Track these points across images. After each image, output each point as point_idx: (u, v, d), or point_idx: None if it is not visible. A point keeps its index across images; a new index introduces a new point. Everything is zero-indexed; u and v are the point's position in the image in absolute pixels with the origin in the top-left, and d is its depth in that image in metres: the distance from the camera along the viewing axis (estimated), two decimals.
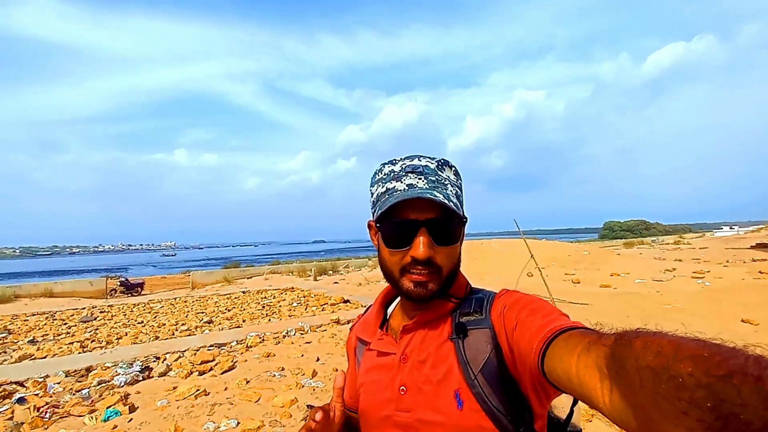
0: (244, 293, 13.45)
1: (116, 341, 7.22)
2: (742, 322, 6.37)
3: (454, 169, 0.73)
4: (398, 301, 0.82)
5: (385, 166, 0.74)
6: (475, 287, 0.79)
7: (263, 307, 10.36)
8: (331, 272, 19.66)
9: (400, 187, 0.68)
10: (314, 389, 4.38)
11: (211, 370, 5.13)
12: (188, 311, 10.33)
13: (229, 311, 9.97)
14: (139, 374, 4.92)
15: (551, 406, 0.75)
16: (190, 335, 7.34)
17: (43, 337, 7.93)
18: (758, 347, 0.35)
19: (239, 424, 3.58)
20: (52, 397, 4.33)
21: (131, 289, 17.20)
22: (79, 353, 6.34)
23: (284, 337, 6.74)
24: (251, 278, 19.21)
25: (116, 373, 5.01)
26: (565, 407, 0.77)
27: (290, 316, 8.86)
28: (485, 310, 0.69)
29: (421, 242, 0.65)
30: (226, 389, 4.44)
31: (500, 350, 0.63)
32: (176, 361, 5.52)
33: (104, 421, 3.72)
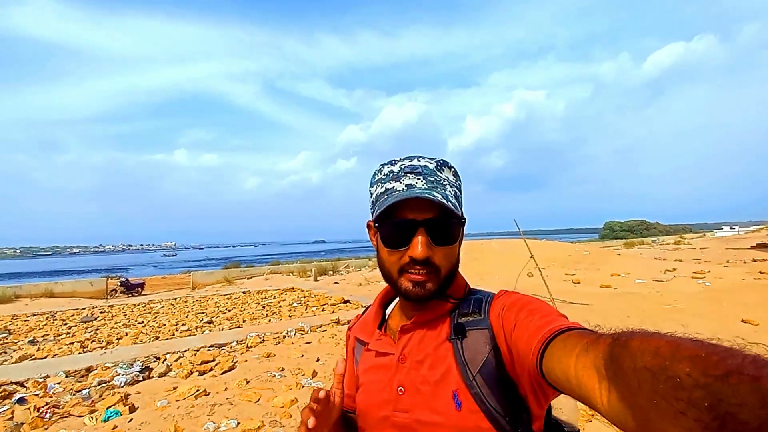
0: (244, 293, 13.45)
1: (116, 341, 7.22)
2: (742, 322, 6.36)
3: (453, 169, 0.73)
4: (397, 301, 0.82)
5: (384, 166, 0.74)
6: (473, 288, 0.79)
7: (263, 307, 10.35)
8: (331, 272, 19.66)
9: (399, 187, 0.68)
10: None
11: (211, 370, 5.13)
12: (188, 311, 10.34)
13: (229, 311, 9.97)
14: (139, 374, 4.92)
15: (549, 407, 0.75)
16: (190, 335, 7.34)
17: (43, 337, 7.93)
18: (757, 347, 0.35)
19: (239, 424, 3.58)
20: (52, 397, 4.33)
21: (131, 289, 17.21)
22: (79, 353, 6.35)
23: (284, 337, 6.74)
24: (251, 278, 19.21)
25: (116, 373, 5.01)
26: (563, 408, 0.77)
27: (290, 316, 8.86)
28: (484, 311, 0.69)
29: (419, 242, 0.65)
30: (226, 389, 4.44)
31: (499, 351, 0.63)
32: (176, 361, 5.53)
33: (104, 421, 3.72)
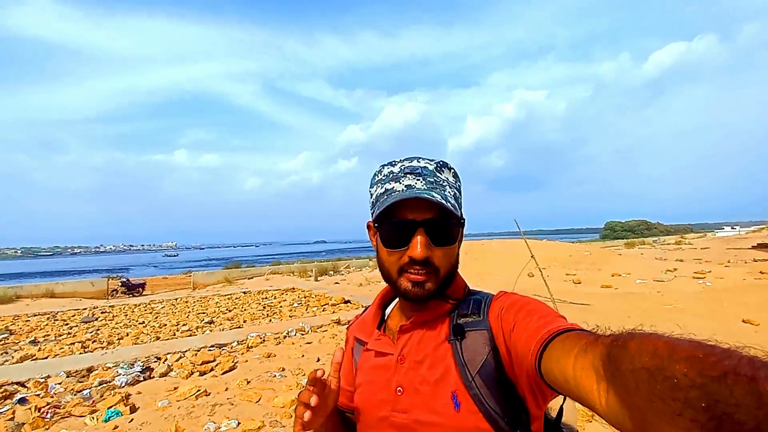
0: (245, 294, 13.46)
1: (117, 342, 7.24)
2: (743, 322, 6.35)
3: (453, 171, 0.73)
4: (396, 301, 0.82)
5: (384, 167, 0.74)
6: (473, 289, 0.79)
7: (264, 307, 10.36)
8: (331, 273, 19.67)
9: (398, 187, 0.69)
10: None
11: (211, 370, 5.14)
12: (189, 312, 10.35)
13: (230, 312, 9.98)
14: (140, 375, 4.93)
15: (548, 408, 0.75)
16: (191, 336, 7.35)
17: (44, 337, 7.95)
18: (756, 348, 0.35)
19: (240, 424, 3.58)
20: (53, 397, 4.34)
21: (132, 289, 17.24)
22: (80, 354, 6.36)
23: (285, 337, 6.75)
24: (252, 279, 19.22)
25: (117, 373, 5.02)
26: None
27: (291, 316, 8.87)
28: (483, 311, 0.69)
29: (418, 242, 0.66)
30: (226, 389, 4.45)
31: (498, 352, 0.63)
32: (177, 361, 5.54)
33: (105, 421, 3.72)
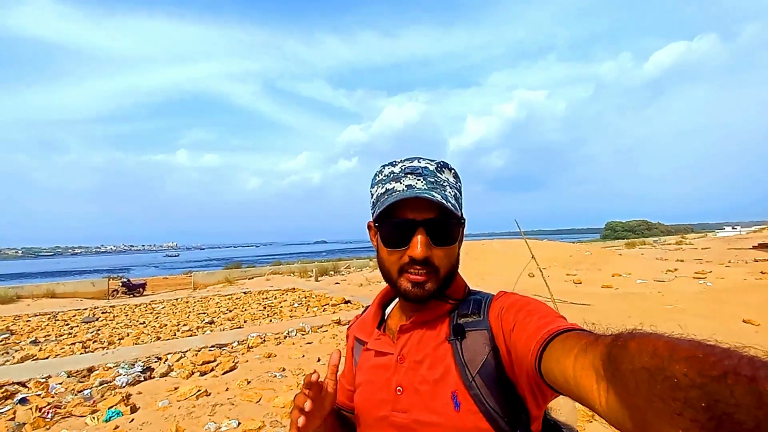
0: (245, 294, 13.47)
1: (118, 342, 7.25)
2: (743, 322, 6.35)
3: (453, 171, 0.74)
4: (396, 301, 0.82)
5: (385, 167, 0.74)
6: (473, 289, 0.79)
7: (264, 307, 10.37)
8: (332, 273, 19.68)
9: (399, 187, 0.69)
10: None
11: (212, 370, 5.14)
12: (190, 312, 10.36)
13: (230, 312, 9.99)
14: (140, 375, 4.93)
15: (548, 408, 0.75)
16: (191, 336, 7.36)
17: (45, 337, 7.96)
18: (756, 348, 0.35)
19: (240, 424, 3.59)
20: (54, 397, 4.35)
21: (133, 289, 17.25)
22: (81, 354, 6.37)
23: (285, 337, 6.75)
24: (252, 279, 19.24)
25: (118, 373, 5.02)
26: (562, 409, 0.77)
27: (291, 316, 8.87)
28: (483, 312, 0.69)
29: (418, 241, 0.66)
30: (227, 390, 4.45)
31: (498, 352, 0.63)
32: (178, 361, 5.54)
33: (106, 421, 3.73)
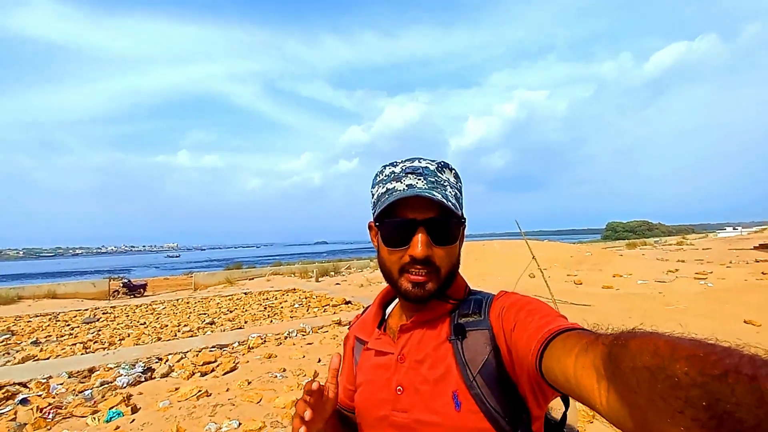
0: (246, 294, 13.47)
1: (119, 342, 7.25)
2: (744, 323, 6.33)
3: (454, 171, 0.74)
4: (397, 301, 0.82)
5: (385, 167, 0.75)
6: (473, 289, 0.79)
7: (265, 308, 10.37)
8: (332, 273, 19.67)
9: (399, 187, 0.69)
10: None
11: (213, 371, 5.14)
12: (190, 312, 10.36)
13: (231, 312, 9.99)
14: (141, 375, 4.93)
15: (549, 408, 0.75)
16: (192, 336, 7.36)
17: (46, 338, 7.97)
18: (757, 348, 0.35)
19: (241, 424, 3.59)
20: (54, 398, 4.35)
21: (134, 290, 17.27)
22: (81, 354, 6.37)
23: (286, 338, 6.75)
24: (253, 279, 19.25)
25: (119, 374, 5.03)
26: (562, 409, 0.77)
27: (292, 317, 8.87)
28: (484, 311, 0.69)
29: (419, 241, 0.66)
30: (227, 390, 4.45)
31: (499, 352, 0.63)
32: (178, 362, 5.54)
33: (107, 421, 3.73)
